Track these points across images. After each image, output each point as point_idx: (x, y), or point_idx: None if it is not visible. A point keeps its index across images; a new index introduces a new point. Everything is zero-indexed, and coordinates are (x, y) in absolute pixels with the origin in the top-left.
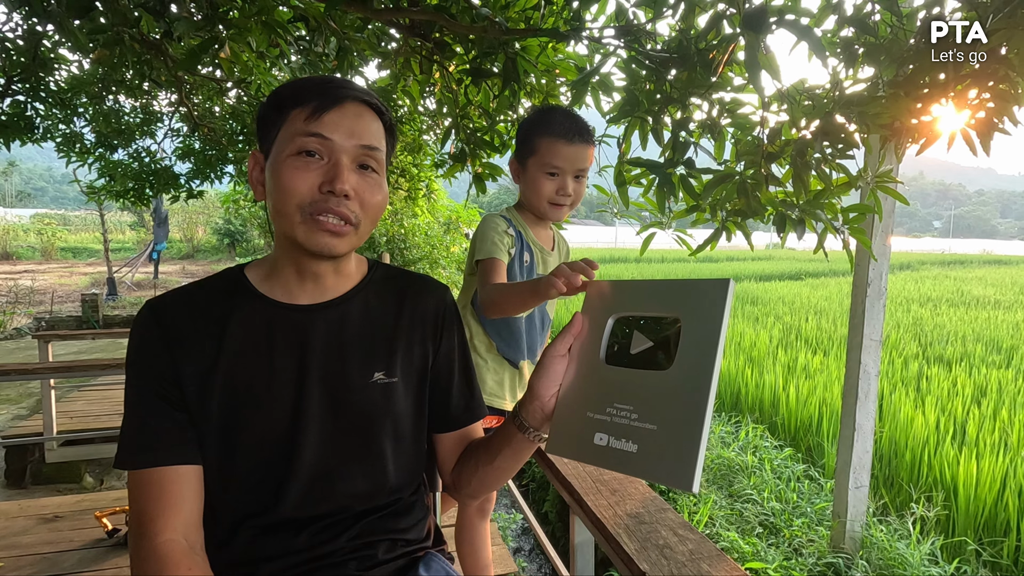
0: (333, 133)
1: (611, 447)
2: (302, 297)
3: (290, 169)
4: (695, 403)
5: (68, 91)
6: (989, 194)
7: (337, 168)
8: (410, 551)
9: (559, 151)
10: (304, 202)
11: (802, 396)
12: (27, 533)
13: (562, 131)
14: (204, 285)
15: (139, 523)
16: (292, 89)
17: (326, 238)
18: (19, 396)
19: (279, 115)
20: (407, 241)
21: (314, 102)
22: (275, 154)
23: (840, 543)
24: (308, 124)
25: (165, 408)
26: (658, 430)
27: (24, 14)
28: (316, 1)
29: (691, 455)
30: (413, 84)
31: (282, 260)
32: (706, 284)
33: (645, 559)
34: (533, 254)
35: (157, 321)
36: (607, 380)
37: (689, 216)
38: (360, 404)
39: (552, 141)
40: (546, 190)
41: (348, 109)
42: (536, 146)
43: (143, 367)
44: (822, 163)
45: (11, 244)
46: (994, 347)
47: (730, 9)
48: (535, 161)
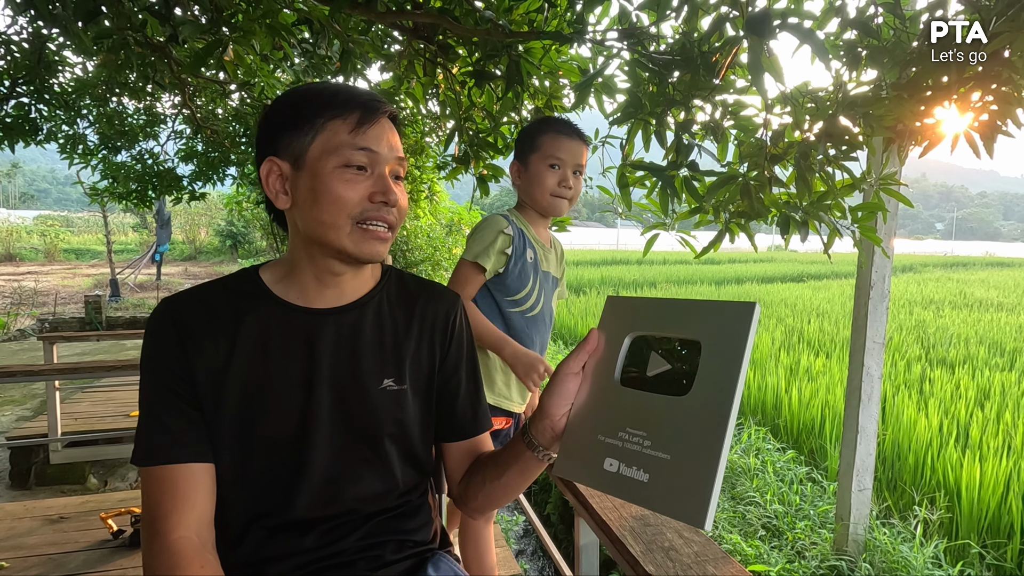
0: (379, 146)
1: (621, 474)
2: (317, 301)
3: (341, 182)
4: (712, 434)
5: (72, 93)
6: (992, 196)
7: (385, 180)
8: (418, 552)
9: (561, 144)
10: (355, 212)
11: (805, 398)
12: (32, 534)
13: (564, 128)
14: (219, 285)
15: (152, 520)
16: (324, 97)
17: (376, 245)
18: (24, 397)
19: (310, 124)
20: (409, 243)
21: (357, 114)
22: (316, 164)
23: (843, 546)
24: (355, 137)
25: (179, 406)
26: (672, 460)
27: (30, 17)
28: (320, 4)
29: (705, 490)
30: (417, 86)
31: (301, 264)
32: (731, 307)
33: (651, 561)
34: (536, 251)
35: (172, 320)
36: (621, 402)
37: (692, 218)
38: (370, 411)
39: (555, 135)
40: (549, 182)
41: (384, 122)
42: (539, 142)
43: (158, 365)
44: (825, 165)
45: (14, 246)
46: (997, 350)
47: (733, 12)
48: (538, 156)
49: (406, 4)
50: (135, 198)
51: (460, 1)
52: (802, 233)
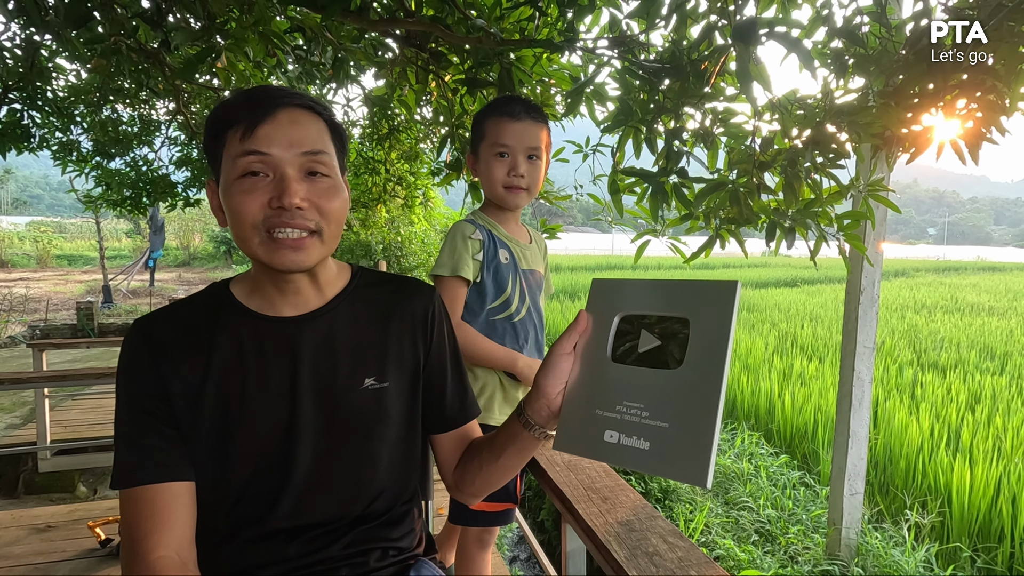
0: (270, 147)
1: (623, 444)
2: (285, 309)
3: (237, 193)
4: (707, 402)
5: (65, 100)
6: (983, 201)
7: (283, 182)
8: (402, 559)
9: (504, 128)
10: (257, 221)
11: (797, 403)
12: (19, 543)
13: (507, 109)
14: (190, 302)
15: (132, 541)
16: (223, 111)
17: (289, 255)
18: (12, 405)
19: (217, 141)
20: (404, 249)
21: (245, 119)
22: (223, 182)
23: (835, 550)
24: (244, 143)
25: (155, 426)
26: (670, 428)
27: (22, 24)
28: (312, 12)
29: (705, 452)
30: (409, 93)
31: (260, 276)
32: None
33: (634, 566)
34: (511, 250)
35: (144, 339)
36: (615, 378)
37: (683, 224)
38: (352, 411)
39: (497, 119)
40: (498, 173)
41: (281, 118)
42: (484, 129)
43: (132, 386)
44: (813, 172)
45: (6, 252)
46: (988, 354)
47: (722, 21)
48: (485, 145)
49: (398, 12)
50: (129, 205)
51: (452, 10)
52: (788, 240)
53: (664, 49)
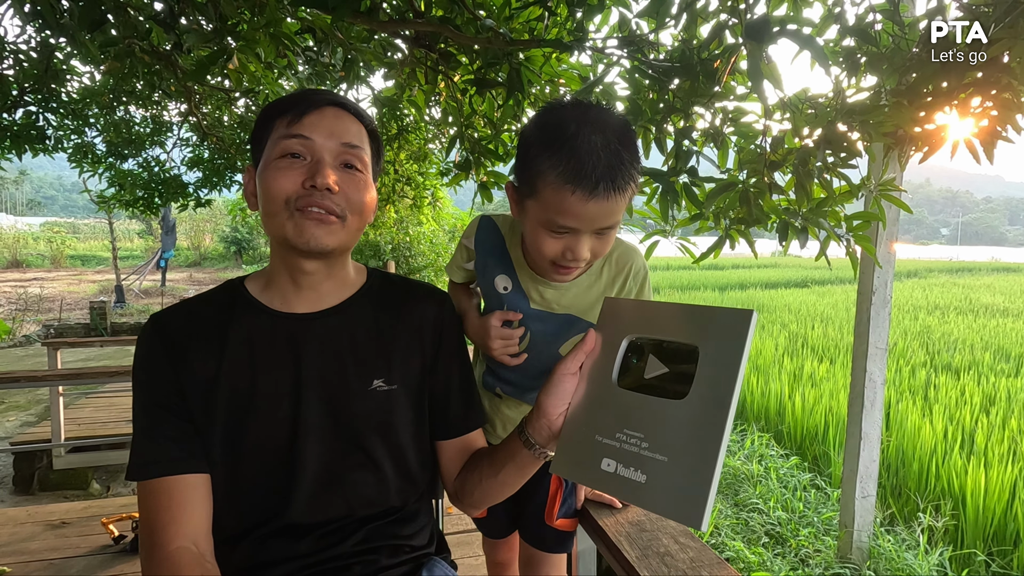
0: (313, 133)
1: (619, 475)
2: (298, 305)
3: (275, 170)
4: (709, 438)
5: (79, 102)
6: (997, 201)
7: (319, 165)
8: (414, 556)
9: (571, 208)
10: (291, 198)
11: (808, 404)
12: (34, 539)
13: (579, 175)
14: (205, 298)
15: (150, 532)
16: (277, 102)
17: (313, 228)
18: (28, 403)
19: (265, 127)
20: (412, 249)
21: (294, 109)
22: (263, 162)
23: (847, 553)
24: (290, 127)
25: (170, 419)
26: (669, 462)
27: (37, 27)
28: (323, 13)
29: (702, 492)
30: (419, 94)
31: (278, 269)
32: (728, 313)
33: (646, 567)
34: (516, 280)
35: (159, 334)
36: (618, 404)
37: (693, 224)
38: (360, 412)
39: (559, 188)
40: (549, 249)
41: (327, 111)
42: (538, 187)
43: (147, 380)
44: (824, 171)
45: (21, 252)
46: (1003, 355)
47: (732, 19)
48: (536, 207)
49: (408, 13)
50: (141, 205)
51: (461, 10)
52: (801, 240)
53: (674, 48)
